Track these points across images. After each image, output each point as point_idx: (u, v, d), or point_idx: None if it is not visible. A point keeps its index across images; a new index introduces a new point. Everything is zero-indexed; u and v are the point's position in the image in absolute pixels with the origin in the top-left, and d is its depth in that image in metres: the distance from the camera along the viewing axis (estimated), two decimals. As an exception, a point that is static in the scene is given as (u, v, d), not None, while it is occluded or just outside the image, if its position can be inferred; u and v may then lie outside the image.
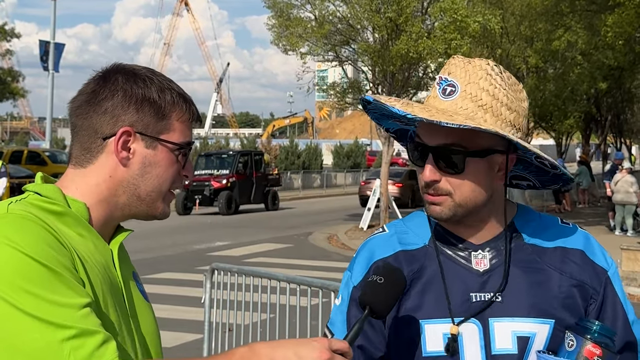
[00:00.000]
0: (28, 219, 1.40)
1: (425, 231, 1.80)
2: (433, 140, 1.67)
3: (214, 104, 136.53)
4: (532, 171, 1.83)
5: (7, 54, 45.39)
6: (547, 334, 1.68)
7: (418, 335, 1.70)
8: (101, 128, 1.54)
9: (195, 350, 7.64)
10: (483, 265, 1.73)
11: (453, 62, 1.73)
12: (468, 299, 1.70)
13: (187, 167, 1.64)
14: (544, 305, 1.69)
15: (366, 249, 1.84)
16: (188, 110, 1.61)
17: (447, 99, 1.69)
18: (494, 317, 1.68)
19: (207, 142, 49.38)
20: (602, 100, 35.58)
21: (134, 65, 1.62)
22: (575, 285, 1.73)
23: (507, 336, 1.67)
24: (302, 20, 21.47)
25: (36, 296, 1.31)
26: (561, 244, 1.78)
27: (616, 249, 14.08)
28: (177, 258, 15.50)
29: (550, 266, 1.74)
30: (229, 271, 6.26)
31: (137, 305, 1.61)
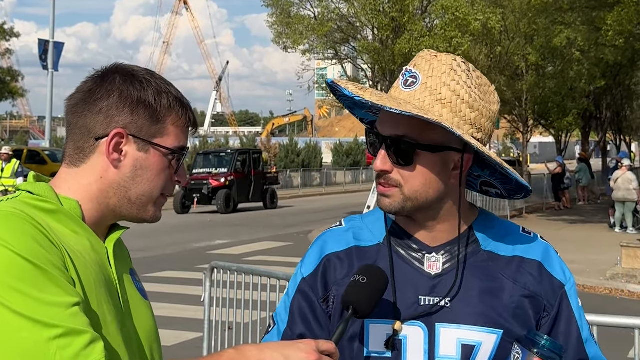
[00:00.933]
0: (18, 217, 1.39)
1: (381, 229, 1.77)
2: (386, 130, 1.65)
3: (214, 103, 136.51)
4: (498, 178, 1.78)
5: (6, 54, 45.35)
6: (493, 344, 1.63)
7: (362, 334, 1.67)
8: (94, 128, 1.53)
9: (195, 349, 7.64)
10: (435, 269, 1.69)
11: (421, 55, 1.70)
12: (416, 302, 1.66)
13: (180, 173, 1.62)
14: (493, 314, 1.64)
15: (319, 242, 1.80)
16: (184, 115, 1.59)
17: (407, 89, 1.66)
18: (440, 323, 1.64)
19: (206, 141, 49.35)
20: (602, 97, 35.59)
21: (134, 67, 1.60)
22: (527, 296, 1.68)
23: (452, 343, 1.63)
24: (303, 18, 21.45)
25: (24, 294, 1.30)
26: (519, 253, 1.72)
27: (616, 246, 14.09)
28: (176, 257, 15.50)
29: (504, 275, 1.69)
30: (229, 269, 6.25)
31: (133, 303, 1.60)
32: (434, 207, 1.68)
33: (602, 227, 20.61)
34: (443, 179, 1.66)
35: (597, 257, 14.72)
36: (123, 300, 1.56)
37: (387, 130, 1.64)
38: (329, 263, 1.75)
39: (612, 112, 38.37)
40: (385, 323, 1.65)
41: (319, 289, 1.74)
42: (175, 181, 1.61)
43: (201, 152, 31.47)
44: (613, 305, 10.90)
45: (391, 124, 1.64)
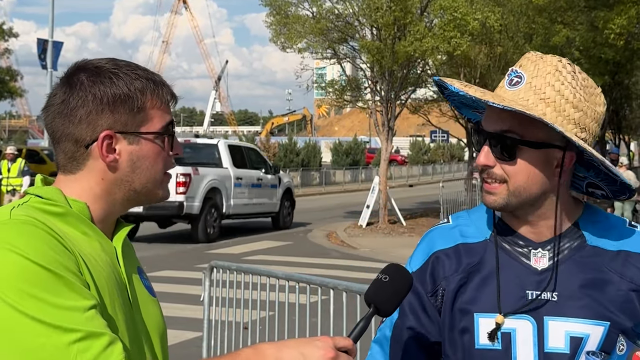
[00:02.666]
0: (30, 224, 1.40)
1: (487, 225, 1.82)
2: (491, 126, 1.70)
3: (213, 102, 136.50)
4: (603, 179, 1.81)
5: (5, 53, 45.33)
6: (601, 335, 1.67)
7: (472, 328, 1.73)
8: (81, 137, 1.52)
9: (195, 348, 7.64)
10: (542, 264, 1.74)
11: (527, 57, 1.76)
12: (524, 296, 1.71)
13: (175, 146, 1.62)
14: (600, 307, 1.69)
15: (428, 239, 1.88)
16: (161, 92, 1.58)
17: (512, 88, 1.71)
18: (549, 316, 1.69)
19: (205, 140, 49.28)
20: (601, 96, 35.56)
21: (96, 61, 1.57)
22: (634, 289, 1.71)
23: (561, 335, 1.68)
24: (300, 17, 21.45)
25: (41, 300, 1.30)
26: (625, 247, 1.75)
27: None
28: (176, 256, 15.49)
29: (611, 269, 1.72)
30: (228, 269, 6.25)
31: (142, 301, 1.61)
32: (537, 203, 1.73)
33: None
34: (546, 176, 1.71)
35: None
36: (132, 298, 1.57)
37: (491, 126, 1.70)
38: (437, 260, 1.81)
39: (611, 111, 38.37)
40: (495, 317, 1.71)
41: (427, 284, 1.80)
42: (173, 155, 1.62)
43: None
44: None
45: (495, 120, 1.69)
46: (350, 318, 4.36)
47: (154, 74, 1.60)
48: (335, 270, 13.41)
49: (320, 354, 1.38)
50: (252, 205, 19.81)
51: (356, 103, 23.75)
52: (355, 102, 23.64)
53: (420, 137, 70.68)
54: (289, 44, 21.78)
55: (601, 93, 1.76)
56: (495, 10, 21.41)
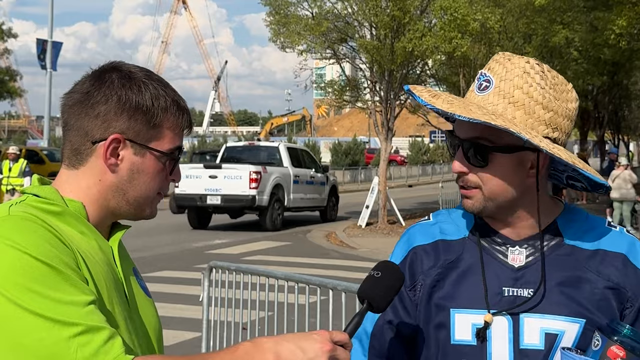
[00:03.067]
0: (30, 220, 1.41)
1: (467, 223, 1.84)
2: (463, 132, 1.72)
3: (212, 102, 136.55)
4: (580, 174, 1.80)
5: (4, 53, 45.33)
6: (576, 332, 1.69)
7: (447, 324, 1.74)
8: (92, 131, 1.54)
9: (194, 349, 7.64)
10: (519, 262, 1.75)
11: (496, 59, 1.76)
12: (500, 293, 1.72)
13: (176, 172, 1.64)
14: (576, 304, 1.70)
15: (408, 235, 1.90)
16: (181, 118, 1.61)
17: (481, 93, 1.72)
18: (524, 313, 1.70)
19: (205, 140, 49.33)
20: (600, 97, 35.62)
21: (132, 66, 1.60)
22: (611, 287, 1.72)
23: (536, 332, 1.69)
24: (300, 17, 21.45)
25: (41, 295, 1.32)
26: (603, 247, 1.77)
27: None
28: (175, 256, 15.49)
29: (588, 268, 1.74)
30: (227, 269, 6.25)
31: (139, 301, 1.62)
32: (514, 205, 1.75)
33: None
34: (520, 178, 1.72)
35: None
36: (130, 298, 1.58)
37: (464, 132, 1.72)
38: (415, 255, 1.83)
39: (610, 111, 38.40)
40: (471, 313, 1.72)
41: (406, 278, 1.79)
42: (171, 179, 1.64)
43: (197, 151, 31.40)
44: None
45: (467, 126, 1.71)
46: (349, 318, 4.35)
47: (180, 98, 1.62)
48: (335, 270, 13.41)
49: (317, 347, 1.40)
50: (307, 199, 22.53)
51: (355, 103, 23.75)
52: (354, 102, 23.64)
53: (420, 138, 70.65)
54: (289, 44, 21.78)
55: (572, 89, 1.77)
56: (495, 11, 21.40)
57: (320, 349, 1.40)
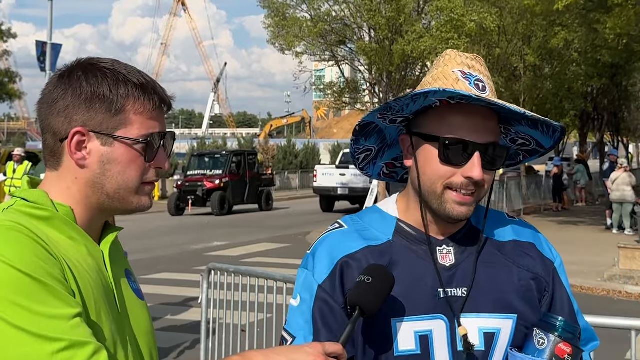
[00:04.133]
0: (16, 230, 1.38)
1: (385, 226, 1.76)
2: (481, 138, 1.64)
3: (212, 104, 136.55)
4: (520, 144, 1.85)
5: (4, 55, 45.32)
6: (510, 329, 1.67)
7: (389, 334, 1.65)
8: (58, 130, 1.51)
9: (193, 351, 7.63)
10: (449, 260, 1.70)
11: (468, 56, 1.72)
12: (436, 295, 1.66)
13: (160, 158, 1.57)
14: (507, 300, 1.68)
15: (326, 245, 1.74)
16: (149, 100, 1.53)
17: (483, 94, 1.65)
18: (461, 313, 1.65)
19: (204, 142, 49.31)
20: (599, 98, 35.64)
21: (96, 59, 1.56)
22: (532, 278, 1.74)
23: (474, 332, 1.65)
24: (298, 19, 21.46)
25: (25, 309, 1.29)
26: (514, 237, 1.79)
27: (614, 247, 14.09)
28: (174, 258, 15.48)
29: (509, 260, 1.74)
30: (226, 271, 6.24)
31: (130, 305, 1.59)
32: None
33: (600, 229, 20.63)
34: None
35: (594, 259, 14.72)
36: (120, 303, 1.55)
37: (482, 137, 1.64)
38: (346, 265, 1.69)
39: (609, 113, 38.39)
40: (412, 320, 1.65)
41: (338, 295, 1.67)
42: (156, 168, 1.57)
43: (196, 153, 31.40)
44: (610, 306, 10.90)
45: (484, 131, 1.64)
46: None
47: (148, 81, 1.56)
48: (334, 272, 13.38)
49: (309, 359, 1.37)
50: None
51: (355, 105, 23.77)
52: (353, 104, 23.67)
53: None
54: (287, 47, 21.78)
55: None
56: (492, 11, 21.42)
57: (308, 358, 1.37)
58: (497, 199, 23.58)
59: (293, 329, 1.70)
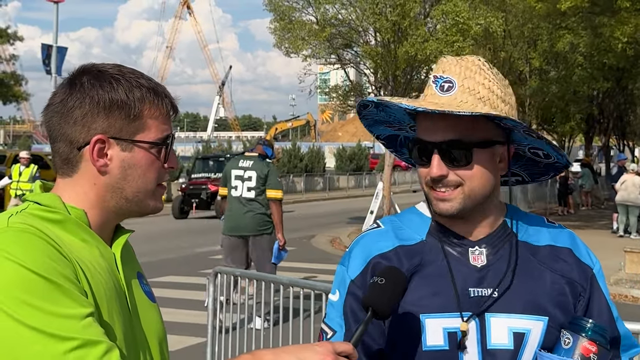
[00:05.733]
0: (28, 232, 1.39)
1: (420, 227, 1.82)
2: (436, 136, 1.70)
3: (217, 107, 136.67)
4: (523, 164, 1.89)
5: (11, 59, 45.42)
6: (541, 330, 1.70)
7: (418, 330, 1.71)
8: (75, 138, 1.53)
9: (199, 354, 7.64)
10: (480, 261, 1.75)
11: (445, 61, 1.77)
12: (466, 294, 1.71)
13: (171, 159, 1.61)
14: (538, 302, 1.72)
15: (362, 244, 1.84)
16: (161, 103, 1.57)
17: (446, 94, 1.71)
18: (490, 313, 1.70)
19: (209, 146, 49.34)
20: (605, 102, 35.57)
21: (101, 65, 1.58)
22: (566, 283, 1.76)
23: (504, 332, 1.69)
24: (304, 23, 21.48)
25: (38, 309, 1.30)
26: (551, 242, 1.82)
27: (620, 251, 14.05)
28: (180, 261, 15.49)
29: (543, 264, 1.77)
30: (233, 274, 6.26)
31: (142, 307, 1.61)
32: (486, 201, 1.76)
33: (606, 232, 20.58)
34: (494, 174, 1.76)
35: (600, 263, 14.66)
36: (131, 305, 1.57)
37: (439, 136, 1.70)
38: (378, 264, 1.76)
39: (615, 116, 38.34)
40: (442, 317, 1.70)
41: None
42: (168, 168, 1.61)
43: (200, 156, 31.37)
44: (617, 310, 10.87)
45: (441, 129, 1.70)
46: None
47: (157, 85, 1.59)
48: (339, 275, 13.37)
49: (318, 358, 1.38)
50: None
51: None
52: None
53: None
54: (293, 50, 21.80)
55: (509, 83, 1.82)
56: (498, 15, 21.42)
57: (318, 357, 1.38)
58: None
59: (332, 322, 1.81)
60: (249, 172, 8.91)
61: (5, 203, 18.79)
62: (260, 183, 8.86)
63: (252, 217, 8.82)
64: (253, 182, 8.86)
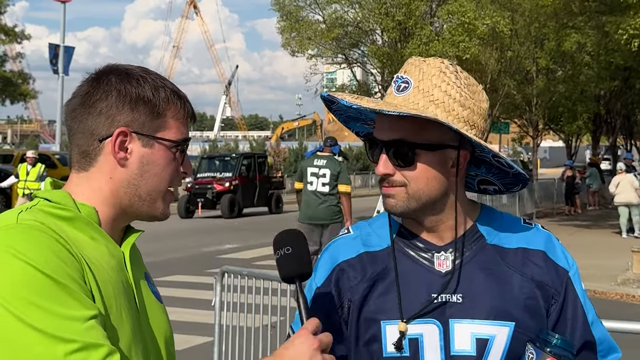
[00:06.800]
0: (37, 229, 1.40)
1: (389, 232, 1.81)
2: (384, 135, 1.71)
3: (223, 107, 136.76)
4: (495, 173, 1.86)
5: (17, 57, 45.57)
6: (507, 336, 1.68)
7: (379, 337, 1.70)
8: (97, 130, 1.54)
9: (206, 353, 7.65)
10: (445, 267, 1.74)
11: (410, 62, 1.77)
12: (430, 300, 1.70)
13: (186, 164, 1.63)
14: (504, 307, 1.70)
15: (330, 251, 1.86)
16: (183, 107, 1.61)
17: (401, 94, 1.72)
18: (454, 319, 1.69)
19: (216, 145, 49.36)
20: (612, 101, 35.48)
21: (127, 65, 1.61)
22: (536, 286, 1.74)
23: (467, 338, 1.68)
24: (311, 23, 21.49)
25: (42, 309, 1.31)
26: (523, 244, 1.79)
27: (627, 251, 14.02)
28: (187, 261, 15.52)
29: (511, 267, 1.75)
30: (239, 274, 6.26)
31: (150, 307, 1.61)
32: (438, 206, 1.74)
33: (613, 232, 20.53)
34: (444, 177, 1.72)
35: (608, 262, 14.66)
36: (140, 304, 1.57)
37: (386, 135, 1.71)
38: (341, 272, 1.78)
39: (622, 116, 38.23)
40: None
41: (333, 297, 1.77)
42: (182, 173, 1.63)
43: (205, 156, 31.38)
44: (624, 310, 10.84)
45: (389, 129, 1.70)
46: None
47: (179, 90, 1.62)
48: (346, 275, 13.37)
49: (304, 348, 1.42)
50: None
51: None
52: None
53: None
54: (300, 50, 21.81)
55: (483, 90, 1.79)
56: (505, 15, 21.38)
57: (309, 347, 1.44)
58: (509, 202, 23.52)
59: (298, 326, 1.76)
60: (323, 169, 10.41)
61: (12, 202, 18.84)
62: (332, 179, 10.34)
63: (326, 208, 10.39)
64: (327, 178, 10.37)
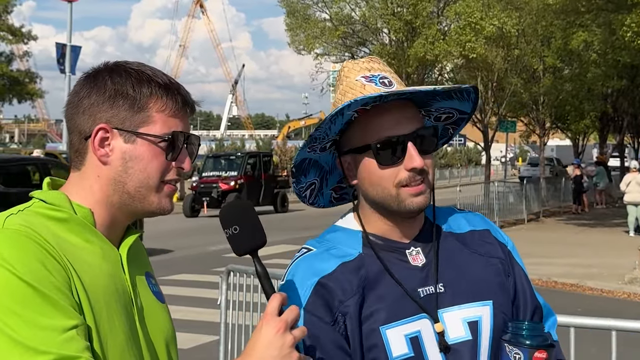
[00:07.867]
0: (24, 235, 1.37)
1: (352, 241, 1.76)
2: (405, 128, 1.67)
3: (230, 106, 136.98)
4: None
5: (25, 56, 45.69)
6: (489, 315, 1.70)
7: (381, 343, 1.64)
8: (83, 128, 1.53)
9: (212, 352, 7.66)
10: (420, 260, 1.74)
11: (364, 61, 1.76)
12: (417, 295, 1.68)
13: (181, 158, 1.57)
14: (480, 288, 1.73)
15: (302, 270, 1.72)
16: (171, 99, 1.55)
17: (391, 88, 1.69)
18: (441, 308, 1.69)
19: (222, 144, 49.39)
20: (619, 100, 35.38)
21: (123, 62, 1.59)
22: (496, 263, 1.79)
23: (459, 324, 1.68)
24: (318, 21, 21.50)
25: (21, 318, 1.29)
26: (470, 227, 1.83)
27: (634, 250, 13.97)
28: (193, 259, 15.55)
29: (472, 250, 1.79)
30: (245, 273, 6.26)
31: (149, 308, 1.59)
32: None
33: (620, 231, 20.47)
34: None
35: (615, 261, 14.60)
36: (137, 307, 1.54)
37: (407, 128, 1.67)
38: (324, 287, 1.67)
39: (629, 114, 38.11)
40: (400, 324, 1.66)
41: (324, 315, 1.65)
42: (178, 167, 1.58)
43: (211, 155, 31.42)
44: (631, 309, 10.82)
45: (408, 121, 1.69)
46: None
47: (173, 83, 1.58)
48: (352, 274, 13.38)
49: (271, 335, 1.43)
50: None
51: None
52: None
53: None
54: (307, 48, 21.82)
55: None
56: (512, 15, 21.34)
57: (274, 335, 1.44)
58: (516, 201, 23.46)
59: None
60: None
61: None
62: None
63: None
64: None
